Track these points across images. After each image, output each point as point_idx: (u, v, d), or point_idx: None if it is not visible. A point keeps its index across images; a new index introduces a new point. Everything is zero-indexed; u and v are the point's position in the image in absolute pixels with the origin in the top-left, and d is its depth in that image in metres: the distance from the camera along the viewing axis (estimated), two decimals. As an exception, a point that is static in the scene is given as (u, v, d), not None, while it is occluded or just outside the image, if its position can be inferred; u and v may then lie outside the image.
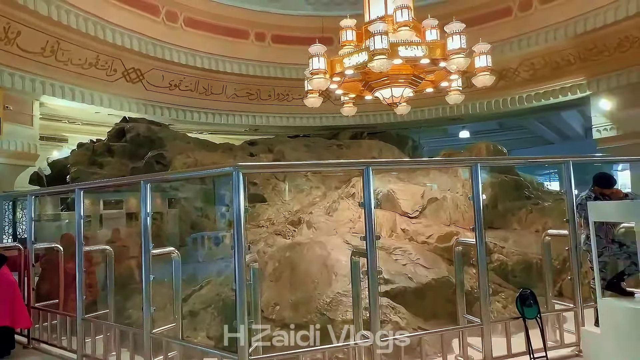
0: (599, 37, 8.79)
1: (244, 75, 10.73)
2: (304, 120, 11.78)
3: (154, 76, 9.92)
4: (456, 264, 4.75)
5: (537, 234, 6.28)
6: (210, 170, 5.28)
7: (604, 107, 9.66)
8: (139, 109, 9.99)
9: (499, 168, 7.89)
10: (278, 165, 7.28)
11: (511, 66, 10.21)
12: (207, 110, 10.91)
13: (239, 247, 3.45)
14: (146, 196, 4.22)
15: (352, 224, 6.83)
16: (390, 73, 5.54)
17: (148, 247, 4.14)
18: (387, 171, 7.80)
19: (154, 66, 9.77)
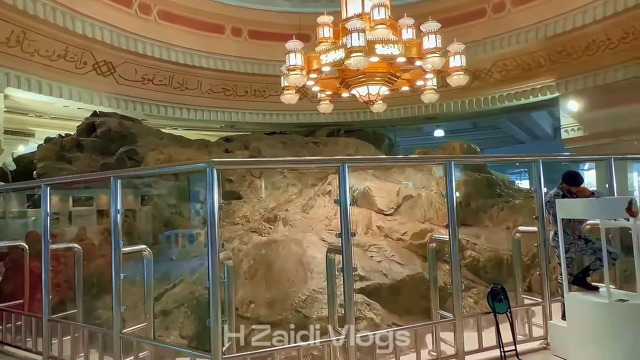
0: (567, 40, 9.07)
1: (220, 70, 10.56)
2: (280, 117, 11.70)
3: (126, 70, 9.65)
4: (430, 261, 4.81)
5: (508, 231, 6.43)
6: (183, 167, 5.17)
7: (572, 108, 9.98)
8: (110, 103, 9.70)
9: (472, 166, 8.04)
10: (253, 162, 7.20)
11: (484, 67, 10.42)
12: (182, 106, 10.69)
13: (212, 244, 3.39)
14: (116, 192, 4.10)
15: (328, 221, 6.83)
16: (366, 71, 5.55)
17: (118, 244, 4.03)
18: (363, 169, 7.83)
19: (126, 59, 9.50)
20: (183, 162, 7.50)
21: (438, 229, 6.26)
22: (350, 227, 3.79)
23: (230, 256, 4.02)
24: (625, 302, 3.88)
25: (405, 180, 7.98)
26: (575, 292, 4.30)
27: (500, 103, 10.79)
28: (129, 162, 8.75)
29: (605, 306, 3.87)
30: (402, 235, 6.46)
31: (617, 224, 4.15)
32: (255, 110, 11.52)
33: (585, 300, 4.07)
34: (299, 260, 5.45)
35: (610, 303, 3.86)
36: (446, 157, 4.70)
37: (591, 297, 4.13)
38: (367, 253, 5.86)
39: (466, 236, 6.47)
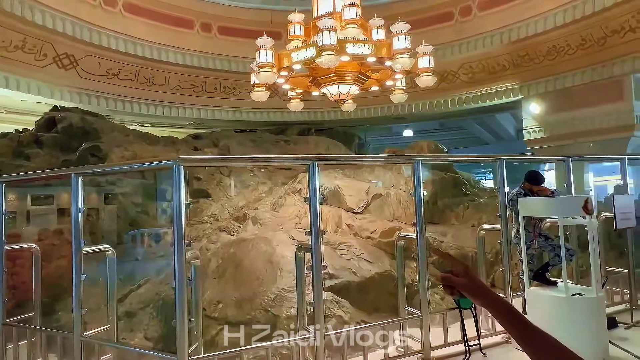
0: (530, 45, 9.40)
1: (189, 66, 10.32)
2: (250, 115, 11.57)
3: (89, 63, 9.28)
4: (398, 258, 4.87)
5: (473, 229, 6.60)
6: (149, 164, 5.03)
7: (534, 110, 10.36)
8: (72, 97, 9.30)
9: (439, 166, 8.21)
10: (222, 159, 7.09)
11: (452, 69, 10.66)
12: (149, 102, 10.39)
13: (179, 243, 3.31)
14: (77, 190, 3.93)
15: (298, 219, 6.82)
16: (337, 70, 5.55)
17: (79, 244, 3.87)
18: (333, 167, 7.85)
19: (89, 52, 9.14)
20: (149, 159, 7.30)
21: (406, 227, 6.35)
22: (319, 225, 3.78)
23: (197, 255, 3.94)
24: (581, 297, 4.06)
25: (374, 179, 8.06)
26: (535, 287, 4.46)
27: (467, 104, 11.06)
28: (91, 159, 8.43)
29: (563, 300, 4.03)
30: (371, 234, 6.52)
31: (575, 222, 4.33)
32: (224, 107, 11.33)
33: (545, 295, 4.23)
34: (269, 259, 5.41)
35: (567, 297, 4.02)
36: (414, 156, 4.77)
37: (550, 291, 4.29)
38: (336, 251, 5.88)
39: (433, 234, 6.59)
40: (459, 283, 1.12)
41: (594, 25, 8.43)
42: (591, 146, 9.34)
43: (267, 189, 8.72)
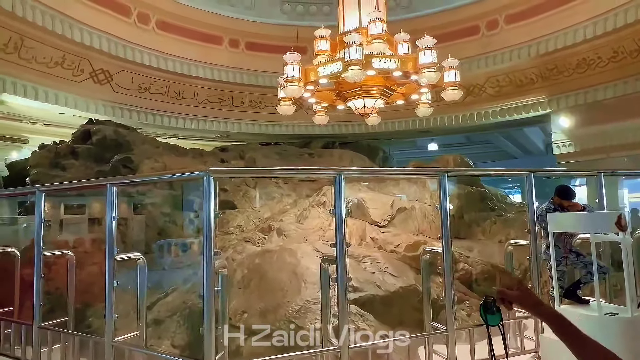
0: (559, 58, 9.26)
1: (217, 81, 10.62)
2: (276, 128, 11.77)
3: (123, 78, 9.69)
4: (423, 273, 4.84)
5: (501, 244, 6.49)
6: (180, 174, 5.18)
7: (563, 124, 10.15)
8: (106, 111, 9.70)
9: (465, 180, 8.13)
10: (250, 171, 7.25)
11: (478, 82, 10.59)
12: (178, 115, 10.73)
13: (208, 252, 3.40)
14: (112, 199, 4.10)
15: (322, 232, 6.86)
16: (363, 84, 5.63)
17: (112, 251, 4.02)
18: (358, 180, 7.89)
19: (123, 68, 9.55)
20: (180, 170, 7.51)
21: (431, 241, 6.30)
22: (345, 237, 3.82)
23: (225, 265, 4.02)
24: (615, 316, 3.93)
25: (399, 192, 8.04)
26: (566, 305, 4.34)
27: (493, 118, 10.94)
28: (123, 170, 8.73)
29: (596, 319, 3.91)
30: (395, 247, 6.50)
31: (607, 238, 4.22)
32: (250, 120, 11.57)
33: (576, 314, 4.11)
34: (293, 271, 5.45)
35: (600, 316, 3.90)
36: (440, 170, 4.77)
37: (582, 310, 4.17)
38: (360, 264, 5.87)
39: (459, 249, 6.51)
40: (513, 296, 1.19)
41: (626, 37, 8.25)
42: (625, 161, 9.06)
43: (291, 201, 8.82)
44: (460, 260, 6.43)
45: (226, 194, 8.93)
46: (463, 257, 6.50)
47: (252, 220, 8.22)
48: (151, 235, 7.95)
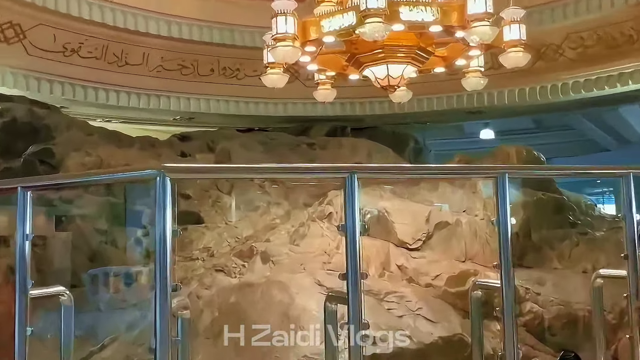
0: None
1: (176, 39, 10.63)
2: (260, 107, 11.77)
3: (41, 35, 9.70)
4: (473, 317, 4.83)
5: (585, 276, 6.45)
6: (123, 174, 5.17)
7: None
8: (16, 82, 9.71)
9: (534, 183, 8.10)
10: (223, 169, 7.12)
11: (553, 41, 10.58)
12: (120, 88, 10.73)
13: (162, 286, 3.39)
14: (25, 209, 4.09)
15: (327, 257, 6.89)
16: (386, 43, 5.61)
17: (25, 284, 4.01)
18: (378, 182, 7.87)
19: (40, 21, 9.56)
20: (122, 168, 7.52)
21: (484, 270, 6.31)
22: (360, 265, 3.81)
23: (187, 304, 4.02)
24: None
25: (438, 200, 8.04)
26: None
27: (575, 93, 10.92)
28: (41, 167, 8.76)
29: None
30: (433, 280, 6.54)
31: None
32: (224, 96, 11.58)
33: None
34: (285, 313, 5.50)
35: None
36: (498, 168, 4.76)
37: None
38: (382, 304, 5.92)
39: (525, 282, 6.50)
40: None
41: None
42: None
43: (282, 212, 8.85)
44: (527, 299, 6.42)
45: (189, 202, 8.95)
46: (531, 294, 6.49)
47: (226, 240, 8.25)
48: (81, 262, 7.97)
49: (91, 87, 10.48)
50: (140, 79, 10.85)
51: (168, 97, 11.20)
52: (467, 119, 14.18)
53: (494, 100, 11.40)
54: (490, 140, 15.49)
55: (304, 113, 11.91)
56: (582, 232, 7.77)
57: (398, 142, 13.18)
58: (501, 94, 11.28)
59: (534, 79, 10.85)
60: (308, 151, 11.45)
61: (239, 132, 12.13)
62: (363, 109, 12.05)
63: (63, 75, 10.15)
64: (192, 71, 11.31)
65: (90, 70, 10.37)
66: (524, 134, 16.67)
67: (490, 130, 15.69)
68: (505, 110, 12.43)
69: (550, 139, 17.26)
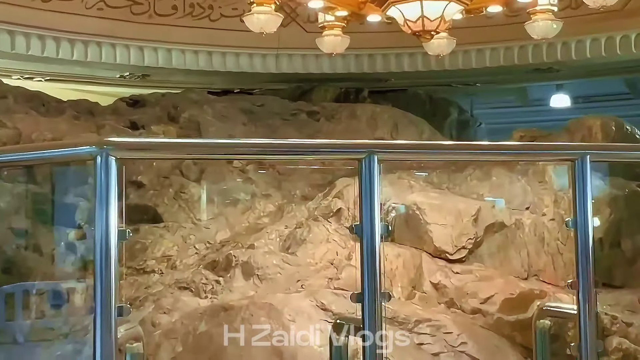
0: None
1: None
2: (242, 60, 11.78)
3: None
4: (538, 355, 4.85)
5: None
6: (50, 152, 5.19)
7: None
8: None
9: (625, 170, 8.09)
10: (189, 145, 7.09)
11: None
12: (45, 32, 10.75)
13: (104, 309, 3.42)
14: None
15: (335, 270, 6.92)
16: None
17: None
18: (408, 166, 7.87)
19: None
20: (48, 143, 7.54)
21: (555, 291, 6.34)
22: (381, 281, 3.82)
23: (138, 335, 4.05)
24: None
25: (490, 193, 8.04)
26: None
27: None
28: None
29: None
30: (482, 304, 6.56)
31: None
32: (191, 45, 11.60)
33: None
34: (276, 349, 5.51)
35: None
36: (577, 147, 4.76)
37: None
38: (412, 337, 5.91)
39: (612, 308, 6.51)
40: None
41: None
42: None
43: (273, 208, 8.88)
44: (615, 332, 6.42)
45: (142, 192, 8.97)
46: (620, 323, 6.49)
47: (194, 247, 8.26)
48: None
49: (6, 30, 10.49)
50: (75, 19, 10.84)
51: (113, 45, 11.20)
52: (532, 80, 14.18)
53: (571, 53, 11.37)
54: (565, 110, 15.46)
55: (303, 70, 11.93)
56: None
57: (436, 112, 13.19)
58: (581, 45, 11.25)
59: (627, 23, 10.80)
60: (309, 122, 11.46)
61: (212, 95, 12.16)
62: (386, 65, 12.05)
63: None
64: (146, 9, 11.32)
65: (4, 7, 10.36)
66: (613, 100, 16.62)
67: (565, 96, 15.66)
68: (587, 68, 12.45)
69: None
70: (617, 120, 9.18)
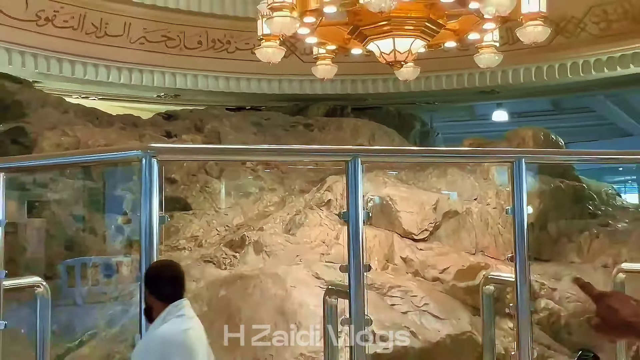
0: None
1: (160, 7, 10.61)
2: (253, 84, 11.76)
3: (11, 3, 9.65)
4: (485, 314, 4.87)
5: (606, 270, 6.51)
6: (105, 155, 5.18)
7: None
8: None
9: (551, 169, 8.15)
10: (215, 150, 7.14)
11: (574, 15, 10.56)
12: (98, 62, 10.69)
13: (148, 277, 3.42)
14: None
15: (326, 247, 6.93)
16: (393, 15, 5.58)
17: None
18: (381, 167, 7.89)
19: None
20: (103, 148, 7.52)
21: (496, 264, 6.38)
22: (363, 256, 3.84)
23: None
24: None
25: (447, 188, 8.09)
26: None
27: (597, 72, 10.92)
28: (12, 147, 8.74)
29: None
30: (440, 273, 6.61)
31: None
32: (213, 71, 11.56)
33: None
34: (280, 308, 5.54)
35: None
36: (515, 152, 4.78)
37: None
38: (385, 299, 5.96)
39: (541, 277, 6.56)
40: None
41: None
42: None
43: (277, 199, 8.89)
44: (543, 295, 6.47)
45: (175, 187, 8.95)
46: (547, 289, 6.54)
47: (216, 229, 8.27)
48: (56, 251, 7.98)
49: (67, 59, 10.43)
50: (121, 51, 10.80)
51: (151, 71, 11.17)
52: (478, 100, 14.15)
53: (509, 79, 11.38)
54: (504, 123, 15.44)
55: (300, 91, 11.90)
56: (603, 224, 7.82)
57: (403, 124, 13.19)
58: (517, 72, 11.27)
59: (552, 56, 10.83)
60: (305, 132, 11.45)
61: (229, 111, 12.12)
62: (365, 87, 12.04)
63: (36, 46, 10.09)
64: (177, 44, 11.27)
65: (66, 42, 10.31)
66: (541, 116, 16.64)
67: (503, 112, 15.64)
68: (521, 90, 12.44)
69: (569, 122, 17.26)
70: (545, 131, 9.25)
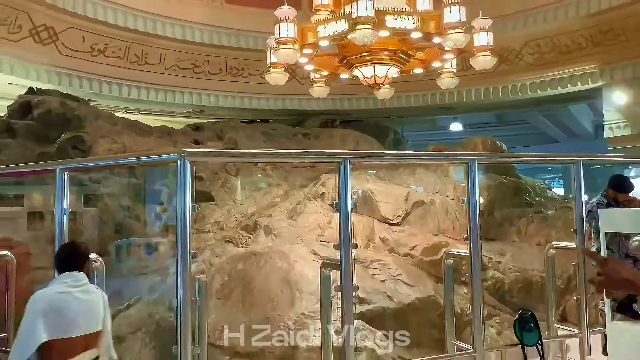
0: (615, 18, 9.26)
1: (189, 42, 10.57)
2: (262, 101, 11.75)
3: (71, 37, 9.60)
4: (445, 281, 4.90)
5: (539, 248, 6.58)
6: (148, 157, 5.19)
7: (619, 101, 10.17)
8: (50, 78, 9.63)
9: (496, 168, 8.20)
10: (235, 154, 7.28)
11: (514, 47, 10.60)
12: (140, 84, 10.67)
13: (183, 253, 3.43)
14: (63, 188, 4.11)
15: (321, 230, 6.93)
16: (374, 47, 5.63)
17: (64, 253, 4.02)
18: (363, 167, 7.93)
19: (71, 24, 9.45)
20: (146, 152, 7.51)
21: (454, 242, 6.39)
22: (351, 236, 3.87)
23: (203, 269, 4.07)
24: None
25: (415, 183, 8.11)
26: (620, 322, 4.42)
27: (532, 92, 10.97)
28: (72, 152, 8.70)
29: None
30: (410, 250, 6.62)
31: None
32: (231, 92, 11.54)
33: (632, 331, 4.20)
34: (285, 278, 5.55)
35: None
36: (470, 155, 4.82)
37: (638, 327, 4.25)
38: (368, 270, 5.98)
39: (489, 253, 6.60)
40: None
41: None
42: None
43: (282, 192, 8.88)
44: (490, 267, 6.52)
45: (201, 183, 8.95)
46: (493, 262, 6.60)
47: (234, 216, 8.27)
48: (107, 234, 7.98)
49: (115, 83, 10.42)
50: (158, 76, 10.78)
51: (182, 92, 11.15)
52: (439, 114, 14.20)
53: (463, 97, 11.43)
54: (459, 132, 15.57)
55: (299, 107, 11.88)
56: (537, 211, 7.91)
57: (380, 133, 13.22)
58: (469, 92, 11.32)
59: (497, 79, 10.89)
60: (304, 140, 11.47)
61: (243, 123, 12.10)
62: (351, 104, 12.04)
63: (91, 72, 10.07)
64: (203, 70, 11.27)
65: (114, 68, 10.29)
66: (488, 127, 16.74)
67: (459, 124, 15.74)
68: (473, 106, 12.47)
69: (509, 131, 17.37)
70: (492, 138, 9.33)
